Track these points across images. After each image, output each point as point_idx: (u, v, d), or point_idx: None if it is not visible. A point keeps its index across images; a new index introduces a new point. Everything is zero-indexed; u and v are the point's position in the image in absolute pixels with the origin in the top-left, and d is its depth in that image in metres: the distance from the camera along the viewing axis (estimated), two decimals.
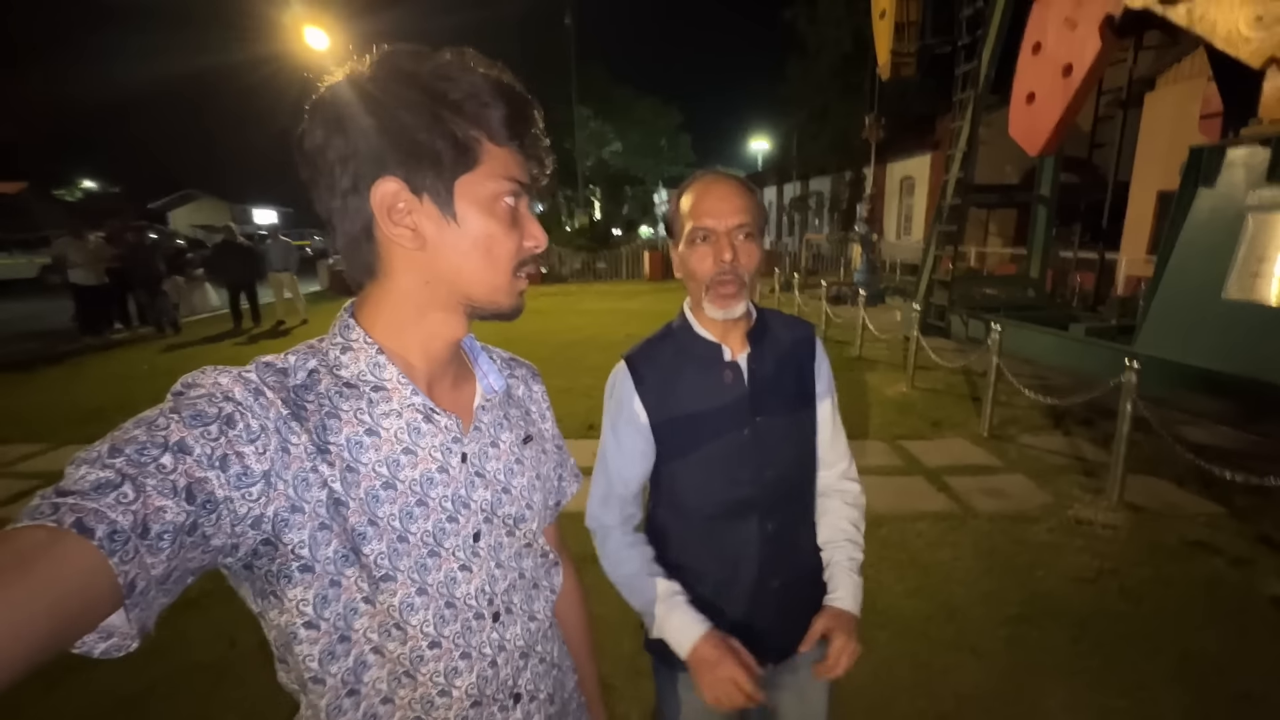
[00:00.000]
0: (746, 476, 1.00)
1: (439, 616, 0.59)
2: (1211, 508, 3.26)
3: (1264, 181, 4.33)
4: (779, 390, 1.02)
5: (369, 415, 0.57)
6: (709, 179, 0.97)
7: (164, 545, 0.41)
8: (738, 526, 1.01)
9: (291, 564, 0.52)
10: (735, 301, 0.94)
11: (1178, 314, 4.85)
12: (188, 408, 0.47)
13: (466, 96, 0.54)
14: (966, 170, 7.54)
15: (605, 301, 12.48)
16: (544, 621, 0.72)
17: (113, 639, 0.40)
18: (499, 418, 0.69)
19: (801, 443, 1.05)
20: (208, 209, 35.43)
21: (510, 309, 0.62)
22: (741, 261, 0.93)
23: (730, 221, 0.93)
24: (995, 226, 16.79)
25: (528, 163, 0.61)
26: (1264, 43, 3.73)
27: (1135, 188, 11.20)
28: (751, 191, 0.97)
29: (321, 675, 0.56)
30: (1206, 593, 2.54)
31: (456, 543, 0.61)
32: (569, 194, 25.98)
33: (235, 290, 9.22)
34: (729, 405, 0.99)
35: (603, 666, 2.09)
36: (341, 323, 0.60)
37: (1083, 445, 4.18)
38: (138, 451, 0.42)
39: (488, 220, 0.57)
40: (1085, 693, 2.00)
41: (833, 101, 21.97)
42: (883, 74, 9.60)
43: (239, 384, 0.51)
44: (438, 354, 0.62)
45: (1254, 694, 1.99)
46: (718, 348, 1.00)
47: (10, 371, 6.78)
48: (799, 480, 1.06)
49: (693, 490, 1.03)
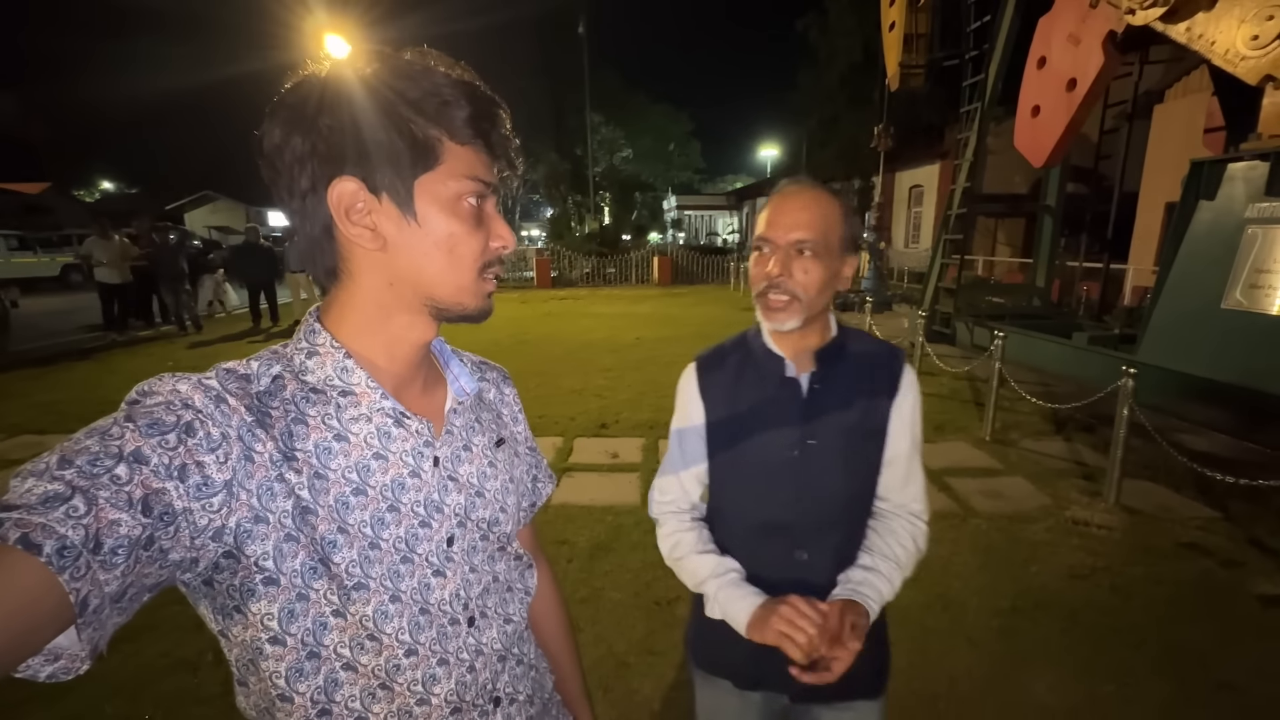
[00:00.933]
0: (784, 499, 0.97)
1: (414, 623, 0.58)
2: (1206, 512, 3.36)
3: (1262, 195, 4.43)
4: (840, 416, 0.96)
5: (337, 420, 0.56)
6: (787, 189, 0.94)
7: (118, 560, 0.39)
8: (769, 547, 0.99)
9: (255, 576, 0.50)
10: (783, 315, 0.92)
11: (1178, 324, 4.94)
12: (144, 416, 0.45)
13: (425, 95, 0.54)
14: (973, 180, 7.66)
15: (615, 306, 12.65)
16: (520, 624, 0.71)
17: (60, 661, 0.39)
18: (471, 421, 0.68)
19: (855, 476, 0.98)
20: (224, 210, 35.98)
21: (476, 310, 0.61)
22: (795, 278, 0.90)
23: (788, 236, 0.91)
24: (1004, 236, 16.84)
25: (494, 162, 0.59)
26: (1260, 61, 3.84)
27: (1144, 199, 11.25)
28: (829, 205, 0.92)
29: (289, 694, 0.54)
30: (1195, 591, 2.65)
31: (429, 548, 0.60)
32: (579, 199, 26.22)
33: (255, 290, 9.47)
34: (780, 423, 0.97)
35: (617, 645, 2.26)
36: (307, 327, 0.59)
37: (1083, 450, 4.28)
38: (89, 462, 0.40)
39: (449, 220, 0.56)
40: (1072, 678, 2.12)
41: (842, 110, 22.14)
42: (892, 85, 9.75)
43: (199, 391, 0.49)
44: (406, 357, 0.61)
45: (1235, 684, 2.10)
46: (780, 361, 0.98)
47: (42, 366, 7.01)
48: (843, 515, 0.99)
49: (731, 500, 1.03)
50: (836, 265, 0.94)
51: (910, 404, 0.98)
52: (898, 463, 0.99)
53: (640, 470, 3.93)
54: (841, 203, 0.94)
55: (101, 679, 2.05)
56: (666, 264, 17.62)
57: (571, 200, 26.91)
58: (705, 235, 34.35)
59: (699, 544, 1.02)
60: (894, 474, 0.99)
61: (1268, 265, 4.40)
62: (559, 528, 3.12)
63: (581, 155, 24.79)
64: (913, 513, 1.01)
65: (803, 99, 24.87)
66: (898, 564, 0.96)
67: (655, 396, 5.46)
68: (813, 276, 0.91)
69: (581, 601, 2.52)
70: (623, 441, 4.42)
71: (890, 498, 1.01)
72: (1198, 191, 4.93)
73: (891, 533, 0.99)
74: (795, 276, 0.91)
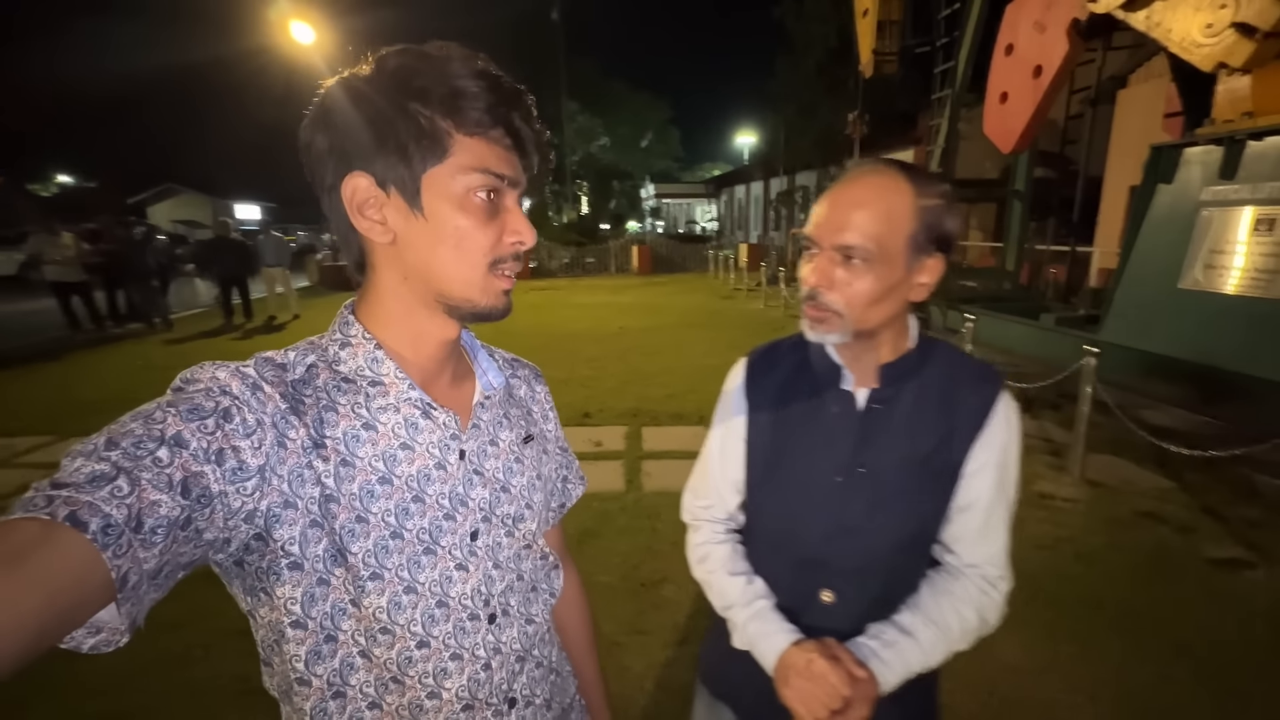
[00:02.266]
0: (819, 530, 0.83)
1: (428, 616, 0.58)
2: (1164, 483, 3.54)
3: (1217, 178, 4.62)
4: (901, 444, 0.80)
5: (366, 409, 0.57)
6: (849, 175, 0.78)
7: (157, 539, 0.41)
8: (795, 580, 0.86)
9: (280, 561, 0.52)
10: (822, 329, 0.78)
11: (1138, 304, 5.15)
12: (185, 402, 0.47)
13: (434, 85, 0.53)
14: (945, 166, 7.81)
15: (596, 295, 12.65)
16: (542, 625, 0.70)
17: (101, 634, 0.40)
18: (499, 416, 0.69)
19: (911, 518, 0.82)
20: (188, 203, 34.98)
21: (488, 308, 0.59)
22: (837, 291, 0.75)
23: (834, 238, 0.74)
24: (976, 220, 17.18)
25: (512, 154, 0.57)
26: (1214, 49, 4.00)
27: (1109, 183, 11.56)
28: (897, 197, 0.74)
29: (307, 677, 0.55)
30: (1152, 557, 2.80)
31: (453, 541, 0.60)
32: (557, 189, 26.04)
33: (227, 285, 9.27)
34: (828, 443, 0.83)
35: (606, 626, 2.32)
36: (341, 319, 0.60)
37: (1050, 428, 4.45)
38: (134, 445, 0.42)
39: (457, 214, 0.55)
40: (1037, 641, 2.24)
41: (819, 97, 22.25)
42: (865, 72, 9.84)
43: (236, 378, 0.51)
44: (428, 351, 0.62)
45: (1189, 644, 2.24)
46: (838, 372, 0.83)
47: (7, 368, 6.81)
48: (887, 562, 0.83)
49: (762, 521, 0.92)
50: (900, 274, 0.75)
51: (1001, 442, 0.80)
52: (974, 511, 0.81)
53: (624, 458, 3.99)
54: (917, 190, 0.74)
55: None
56: (646, 253, 17.65)
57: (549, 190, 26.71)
58: (684, 223, 34.36)
59: (730, 563, 0.91)
60: (967, 524, 0.82)
61: (1221, 246, 4.59)
62: None
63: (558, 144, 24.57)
64: (985, 577, 0.83)
65: (781, 86, 24.92)
66: (945, 634, 0.80)
67: (639, 385, 5.51)
68: (860, 289, 0.74)
69: None
70: (606, 430, 4.48)
71: (960, 553, 0.83)
72: (1156, 175, 5.11)
73: (950, 595, 0.83)
74: (837, 288, 0.75)
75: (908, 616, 0.82)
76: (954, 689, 2.02)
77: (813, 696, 0.74)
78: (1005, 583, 0.84)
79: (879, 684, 0.77)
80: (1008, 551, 0.84)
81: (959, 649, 0.83)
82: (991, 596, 0.83)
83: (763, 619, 0.84)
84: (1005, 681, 2.06)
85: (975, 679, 2.07)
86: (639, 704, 1.98)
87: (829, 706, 0.74)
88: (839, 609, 0.84)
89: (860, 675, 0.75)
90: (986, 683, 2.05)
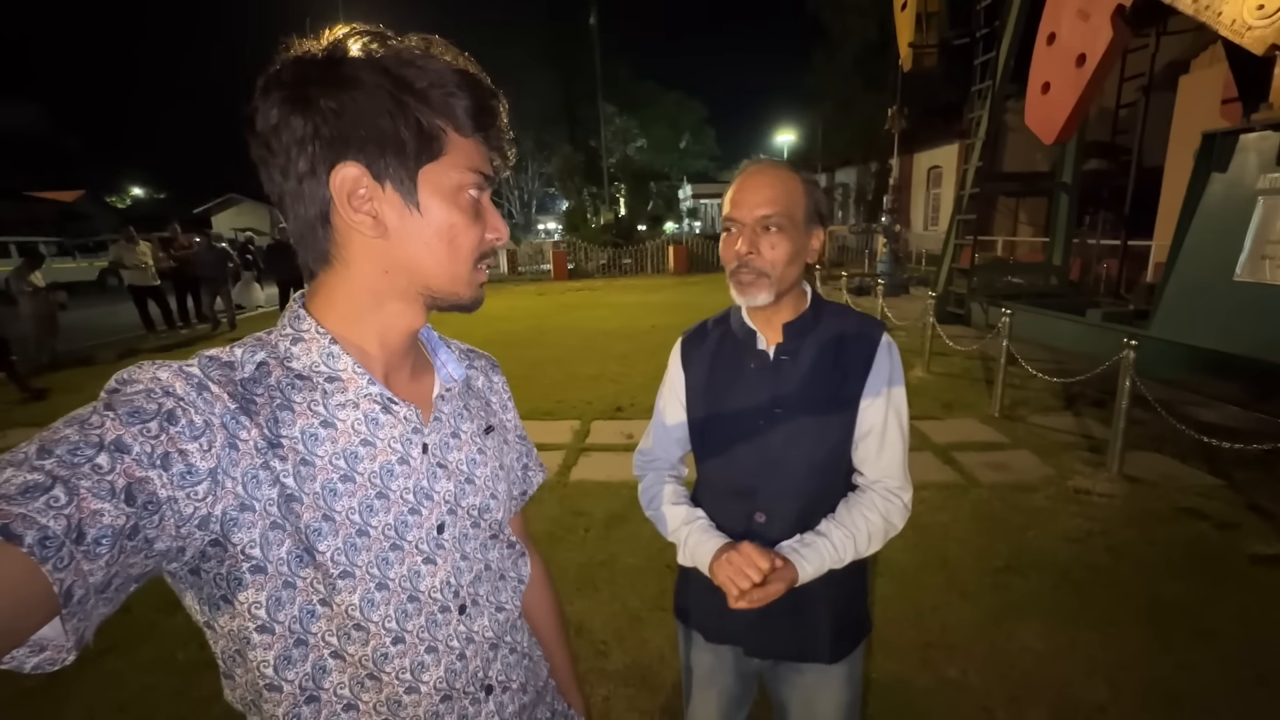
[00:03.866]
0: (750, 465, 1.01)
1: (401, 611, 0.58)
2: (1208, 479, 3.43)
3: (1274, 165, 4.42)
4: (807, 387, 0.98)
5: (324, 407, 0.56)
6: (749, 169, 0.97)
7: (102, 550, 0.39)
8: (730, 509, 1.03)
9: (242, 565, 0.50)
10: (754, 290, 0.96)
11: (1191, 297, 4.95)
12: (124, 404, 0.44)
13: (432, 85, 0.53)
14: (986, 159, 7.64)
15: (630, 295, 12.81)
16: (512, 611, 0.71)
17: (46, 652, 0.38)
18: (459, 408, 0.69)
19: (820, 446, 0.99)
20: (248, 213, 36.86)
21: (470, 300, 0.61)
22: (763, 254, 0.94)
23: (754, 213, 0.94)
24: (1025, 215, 16.58)
25: (491, 154, 0.60)
26: (1266, 31, 3.84)
27: (1169, 172, 11.00)
28: (791, 180, 0.95)
29: (278, 682, 0.54)
30: (1188, 550, 2.75)
31: (420, 535, 0.60)
32: (594, 191, 26.38)
33: (285, 288, 9.83)
34: (750, 394, 1.01)
35: (631, 603, 2.46)
36: (292, 313, 0.58)
37: (1091, 424, 4.35)
38: (70, 452, 0.40)
39: (451, 211, 0.56)
40: (1058, 627, 2.25)
41: (858, 92, 21.88)
42: (904, 65, 9.69)
43: (180, 378, 0.48)
44: (395, 344, 0.61)
45: (1216, 632, 2.21)
46: (754, 335, 1.02)
47: (90, 365, 7.44)
48: (806, 484, 1.00)
49: (704, 460, 1.09)
50: (803, 239, 0.97)
51: (885, 373, 0.98)
52: (872, 436, 0.99)
53: None
54: (803, 177, 0.97)
55: None
56: (682, 253, 17.71)
57: (586, 192, 27.08)
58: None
59: (672, 496, 1.09)
60: (869, 447, 1.00)
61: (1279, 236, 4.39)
62: (577, 501, 3.32)
63: (595, 146, 24.92)
64: (888, 488, 1.00)
65: (817, 82, 24.61)
66: (852, 534, 0.97)
67: None
68: (780, 251, 0.94)
69: (599, 565, 2.72)
70: (637, 423, 4.60)
71: (866, 472, 1.01)
72: (1210, 163, 4.91)
73: (858, 504, 1.00)
74: (763, 253, 0.94)
75: (824, 523, 1.00)
76: (972, 664, 2.07)
77: (738, 571, 0.89)
78: (906, 492, 1.02)
79: (796, 571, 0.93)
80: (905, 464, 1.02)
81: (871, 548, 1.00)
82: (893, 502, 1.01)
83: (701, 532, 1.01)
84: (1024, 660, 2.09)
85: (996, 658, 2.10)
86: (658, 674, 2.10)
87: (751, 579, 0.88)
88: (770, 526, 1.01)
89: (778, 562, 0.91)
90: (1007, 661, 2.09)
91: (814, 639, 1.04)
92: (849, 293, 8.55)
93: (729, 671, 1.13)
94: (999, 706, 1.91)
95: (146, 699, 2.03)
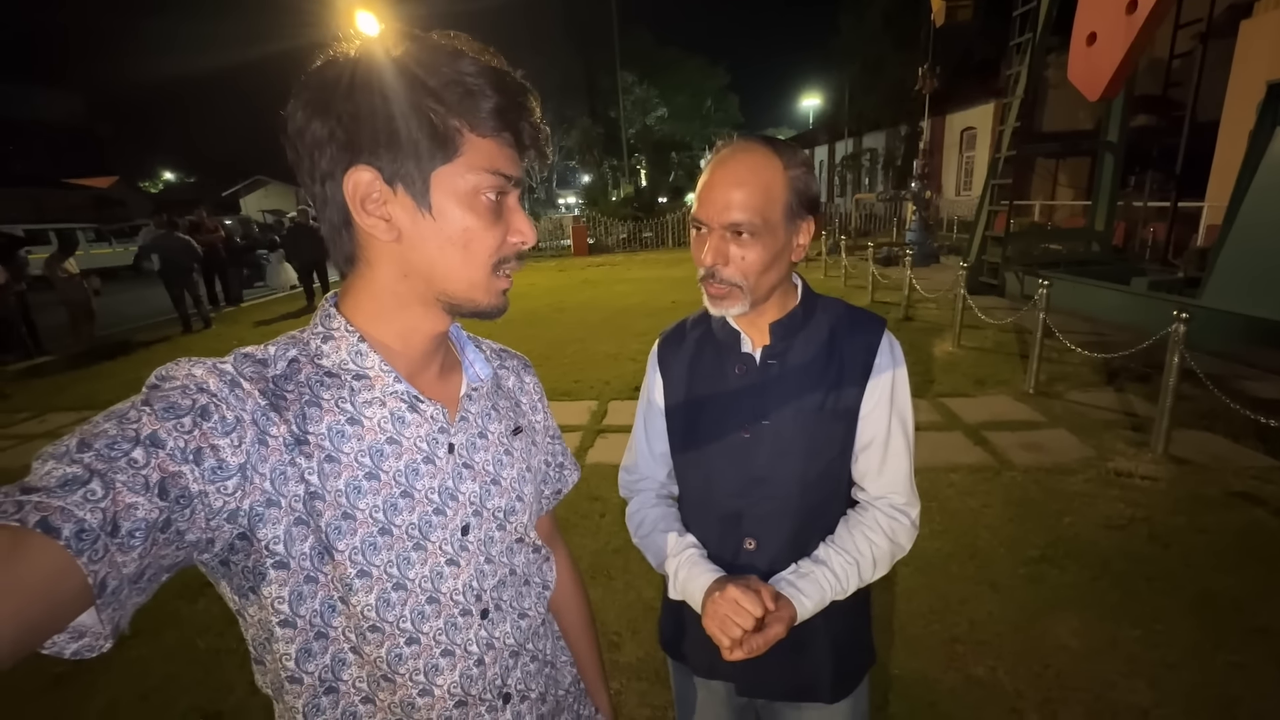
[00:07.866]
0: (733, 485, 0.90)
1: (418, 613, 0.58)
2: (1264, 462, 3.21)
3: None
4: (797, 394, 0.87)
5: (351, 404, 0.56)
6: (721, 155, 0.83)
7: (136, 543, 0.40)
8: (720, 533, 0.92)
9: (266, 560, 0.51)
10: (725, 303, 0.84)
11: (1248, 264, 4.61)
12: (160, 400, 0.46)
13: (448, 83, 0.52)
14: (1025, 119, 7.20)
15: (651, 270, 12.65)
16: (535, 619, 0.70)
17: (84, 639, 0.40)
18: (486, 409, 0.68)
19: (814, 460, 0.88)
20: (275, 194, 37.37)
21: (489, 307, 0.60)
22: (733, 265, 0.81)
23: (721, 218, 0.80)
24: (1065, 177, 15.76)
25: (519, 154, 0.58)
26: None
27: (1225, 127, 10.26)
28: (768, 170, 0.80)
29: (298, 675, 0.55)
30: (1240, 539, 2.57)
31: (444, 536, 0.60)
32: (614, 164, 25.97)
33: (308, 269, 9.93)
34: (733, 402, 0.90)
35: (646, 592, 2.41)
36: (323, 312, 0.59)
37: (1134, 401, 4.12)
38: (107, 446, 0.41)
39: (465, 214, 0.55)
40: (1097, 623, 2.13)
41: (887, 51, 20.91)
42: (937, 20, 9.16)
43: (214, 375, 0.50)
44: (419, 346, 0.61)
45: (1270, 628, 2.07)
46: (737, 336, 0.91)
47: (127, 349, 7.65)
48: (799, 503, 0.89)
49: (685, 483, 0.98)
50: (783, 239, 0.83)
51: (888, 380, 0.87)
52: (874, 447, 0.88)
53: None
54: (785, 162, 0.81)
55: None
56: None
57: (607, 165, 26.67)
58: None
59: (661, 522, 0.97)
60: (870, 460, 0.89)
61: None
62: (593, 485, 3.27)
63: (615, 117, 24.46)
64: (893, 504, 0.89)
65: (845, 42, 23.58)
66: (855, 560, 0.86)
67: None
68: (752, 260, 0.81)
69: (614, 553, 2.68)
70: None
71: (868, 487, 0.90)
72: (1275, 116, 4.51)
73: (860, 525, 0.89)
74: (733, 263, 0.81)
75: (822, 549, 0.88)
76: (1003, 662, 1.97)
77: (727, 620, 0.78)
78: (913, 508, 0.91)
79: (795, 608, 0.81)
80: (911, 478, 0.90)
81: (877, 573, 0.89)
82: (900, 521, 0.89)
83: (691, 564, 0.88)
84: (1059, 659, 1.98)
85: (1029, 656, 2.00)
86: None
87: (742, 627, 0.77)
88: (761, 554, 0.90)
89: (771, 602, 0.79)
90: (1040, 660, 1.98)
91: (814, 678, 0.93)
92: (875, 263, 8.23)
93: (722, 706, 1.04)
94: (1031, 709, 1.81)
95: (168, 688, 2.07)
